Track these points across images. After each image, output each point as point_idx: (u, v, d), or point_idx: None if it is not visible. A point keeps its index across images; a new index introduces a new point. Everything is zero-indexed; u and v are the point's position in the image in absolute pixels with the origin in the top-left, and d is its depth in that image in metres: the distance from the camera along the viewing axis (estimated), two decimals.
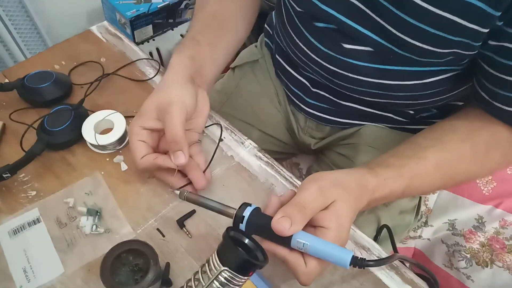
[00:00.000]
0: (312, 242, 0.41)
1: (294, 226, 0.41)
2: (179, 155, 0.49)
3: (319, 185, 0.44)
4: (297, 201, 0.43)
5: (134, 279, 0.46)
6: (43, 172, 0.57)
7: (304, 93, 0.73)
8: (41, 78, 0.64)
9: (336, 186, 0.45)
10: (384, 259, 0.45)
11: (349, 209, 0.45)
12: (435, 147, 0.53)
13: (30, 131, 0.59)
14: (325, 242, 0.41)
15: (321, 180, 0.45)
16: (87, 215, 0.53)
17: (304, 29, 0.61)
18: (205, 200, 0.47)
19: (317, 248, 0.41)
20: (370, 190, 0.48)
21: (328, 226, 0.43)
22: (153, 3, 1.34)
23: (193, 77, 0.56)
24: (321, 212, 0.44)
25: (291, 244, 0.42)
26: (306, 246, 0.41)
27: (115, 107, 0.63)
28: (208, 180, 0.55)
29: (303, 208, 0.42)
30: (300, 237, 0.42)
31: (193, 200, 0.47)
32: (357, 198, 0.47)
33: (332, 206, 0.44)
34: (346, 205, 0.45)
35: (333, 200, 0.44)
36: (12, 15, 1.23)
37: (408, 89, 0.60)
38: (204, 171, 0.55)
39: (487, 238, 0.81)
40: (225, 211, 0.46)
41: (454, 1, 0.44)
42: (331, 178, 0.46)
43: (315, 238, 0.42)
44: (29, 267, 0.49)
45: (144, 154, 0.52)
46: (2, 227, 0.52)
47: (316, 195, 0.44)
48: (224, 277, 0.38)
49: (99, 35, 0.76)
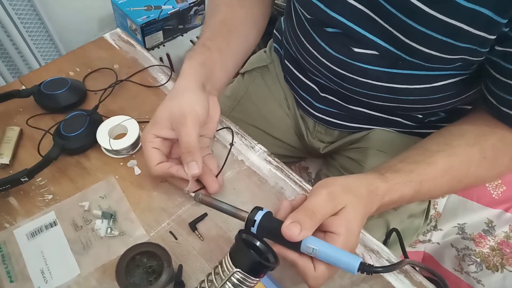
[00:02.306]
0: (321, 247, 0.42)
1: (304, 232, 0.42)
2: (193, 166, 0.51)
3: (329, 191, 0.45)
4: (307, 207, 0.44)
5: (148, 281, 0.47)
6: (59, 176, 0.59)
7: (313, 97, 0.74)
8: (56, 84, 0.65)
9: (346, 192, 0.46)
10: (392, 265, 0.45)
11: (359, 215, 0.46)
12: (443, 152, 0.54)
13: (46, 136, 0.61)
14: (334, 248, 0.42)
15: (331, 185, 0.46)
16: (102, 218, 0.54)
17: (314, 34, 0.62)
18: (219, 203, 0.48)
19: (326, 253, 0.42)
20: (380, 195, 0.49)
21: (337, 231, 0.43)
22: (164, 10, 1.37)
23: (204, 83, 0.57)
24: (331, 218, 0.44)
25: (300, 248, 0.43)
26: (315, 251, 0.42)
27: (128, 112, 0.64)
28: (220, 184, 0.56)
29: (313, 214, 0.43)
30: (309, 242, 0.42)
31: (207, 203, 0.48)
32: (366, 203, 0.47)
33: (342, 212, 0.44)
34: (356, 211, 0.45)
35: (343, 206, 0.45)
36: (27, 22, 1.26)
37: (416, 93, 0.60)
38: (216, 175, 0.56)
39: (497, 242, 0.81)
40: (238, 214, 0.47)
41: (462, 9, 0.45)
42: (341, 184, 0.47)
43: (324, 243, 0.42)
44: (46, 269, 0.51)
45: (158, 162, 0.53)
46: (20, 230, 0.54)
47: (326, 201, 0.44)
48: (237, 278, 0.39)
49: (112, 42, 0.78)
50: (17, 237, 0.53)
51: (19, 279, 0.50)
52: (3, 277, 0.50)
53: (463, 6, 0.44)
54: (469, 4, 0.44)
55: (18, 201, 0.56)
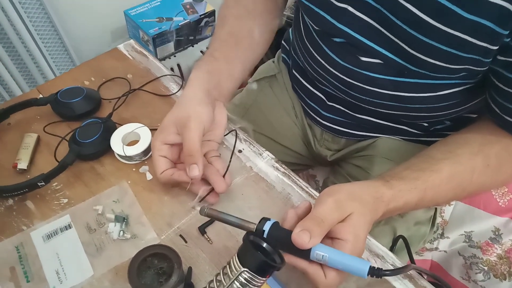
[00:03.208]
0: (331, 254, 0.43)
1: (313, 239, 0.43)
2: (193, 168, 0.52)
3: (336, 199, 0.46)
4: (315, 215, 0.45)
5: (158, 282, 0.48)
6: (74, 181, 0.61)
7: (320, 106, 0.76)
8: (72, 93, 0.68)
9: (352, 199, 0.47)
10: (400, 268, 0.46)
11: (365, 221, 0.47)
12: (448, 160, 0.55)
13: (62, 143, 0.63)
14: (343, 254, 0.43)
15: (337, 193, 0.47)
16: (114, 222, 0.56)
17: (322, 44, 0.64)
18: (225, 216, 0.48)
19: (336, 260, 0.43)
20: (385, 202, 0.50)
21: (345, 238, 0.44)
22: (175, 21, 1.40)
23: (210, 90, 0.59)
24: (338, 225, 0.45)
25: (310, 256, 0.44)
26: (325, 258, 0.43)
27: (141, 120, 0.66)
28: (228, 184, 0.57)
29: (321, 221, 0.44)
30: (319, 249, 0.43)
31: (214, 216, 0.48)
32: (372, 210, 0.48)
33: (349, 219, 0.45)
34: (362, 217, 0.46)
35: (350, 213, 0.46)
36: (43, 34, 1.30)
37: (422, 101, 0.61)
38: (223, 175, 0.57)
39: (504, 250, 0.81)
40: (245, 226, 0.47)
41: (465, 21, 0.46)
42: (347, 191, 0.48)
43: (333, 250, 0.43)
44: (61, 270, 0.53)
45: (163, 170, 0.55)
46: (37, 232, 0.56)
47: (333, 208, 0.45)
48: (244, 277, 0.40)
49: (125, 53, 0.81)
50: (33, 239, 0.55)
51: (35, 279, 0.52)
52: (20, 277, 0.52)
53: (466, 18, 0.46)
54: (471, 17, 0.46)
55: (35, 204, 0.59)
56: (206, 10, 1.45)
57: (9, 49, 1.24)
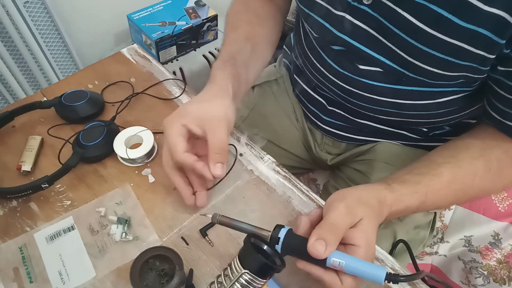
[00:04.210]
0: (347, 261, 0.43)
1: (329, 248, 0.43)
2: (219, 167, 0.52)
3: (346, 204, 0.47)
4: (328, 222, 0.45)
5: (160, 283, 0.49)
6: (77, 183, 0.62)
7: (321, 111, 0.77)
8: (76, 96, 0.69)
9: (361, 204, 0.47)
10: (415, 274, 0.45)
11: (374, 226, 0.47)
12: (449, 164, 0.55)
13: (66, 145, 0.64)
14: (359, 260, 0.43)
15: (347, 198, 0.48)
16: (117, 224, 0.57)
17: (321, 51, 0.65)
18: (238, 223, 0.48)
19: (352, 266, 0.43)
20: (388, 205, 0.50)
21: (358, 244, 0.45)
22: (177, 25, 1.41)
23: (234, 95, 0.59)
24: (350, 230, 0.46)
25: (326, 263, 0.44)
26: (342, 265, 0.43)
27: (144, 123, 0.67)
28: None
29: (335, 228, 0.44)
30: (335, 256, 0.43)
31: (226, 224, 0.49)
32: (378, 214, 0.49)
33: (360, 224, 0.46)
34: (371, 222, 0.47)
35: (360, 218, 0.46)
36: (47, 38, 1.31)
37: (421, 108, 0.62)
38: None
39: (504, 255, 0.82)
40: (259, 234, 0.47)
41: (461, 30, 0.47)
42: (355, 195, 0.49)
43: (349, 256, 0.44)
44: (64, 271, 0.53)
45: (184, 150, 0.53)
46: (40, 233, 0.56)
47: (345, 214, 0.46)
48: (245, 279, 0.41)
49: (129, 57, 0.82)
50: (37, 241, 0.56)
51: (38, 280, 0.52)
52: (23, 278, 0.52)
53: (463, 27, 0.47)
54: (468, 25, 0.46)
55: (38, 206, 0.59)
56: (208, 14, 1.46)
57: (14, 52, 1.25)
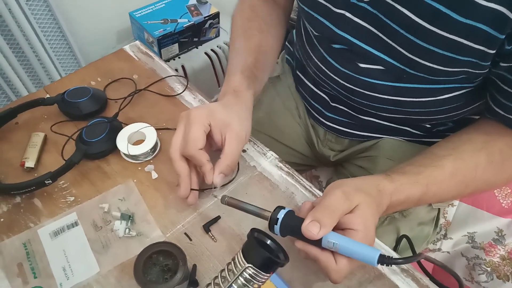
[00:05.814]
0: (341, 242, 0.44)
1: (323, 229, 0.44)
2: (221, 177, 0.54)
3: (343, 190, 0.47)
4: (324, 205, 0.46)
5: (164, 278, 0.49)
6: (80, 179, 0.62)
7: (324, 107, 0.77)
8: (79, 93, 0.69)
9: (358, 191, 0.48)
10: (411, 257, 0.45)
11: (372, 212, 0.48)
12: (451, 156, 0.55)
13: (69, 142, 0.64)
14: (354, 241, 0.44)
15: (344, 186, 0.48)
16: (120, 220, 0.57)
17: (322, 49, 0.65)
18: (244, 204, 0.51)
19: (346, 247, 0.44)
20: (388, 194, 0.51)
21: (356, 228, 0.45)
22: (179, 23, 1.41)
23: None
24: (348, 215, 0.46)
25: (322, 244, 0.45)
26: (336, 245, 0.44)
27: (146, 120, 0.67)
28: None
29: (331, 211, 0.45)
30: (330, 237, 0.44)
31: (233, 204, 0.51)
32: (377, 202, 0.49)
33: (357, 210, 0.46)
34: (370, 208, 0.47)
35: (357, 203, 0.47)
36: (50, 35, 1.31)
37: (422, 106, 0.62)
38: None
39: (507, 251, 0.81)
40: (261, 214, 0.49)
41: (460, 25, 0.47)
42: (353, 184, 0.49)
43: (344, 237, 0.44)
44: (68, 266, 0.54)
45: (201, 147, 0.53)
46: (44, 229, 0.57)
47: (342, 199, 0.46)
48: (249, 273, 0.41)
49: (131, 54, 0.82)
50: (41, 236, 0.56)
51: (42, 275, 0.53)
52: (28, 274, 0.53)
53: (461, 22, 0.47)
54: (466, 20, 0.46)
55: (42, 202, 0.59)
56: (210, 12, 1.46)
57: (16, 50, 1.25)
